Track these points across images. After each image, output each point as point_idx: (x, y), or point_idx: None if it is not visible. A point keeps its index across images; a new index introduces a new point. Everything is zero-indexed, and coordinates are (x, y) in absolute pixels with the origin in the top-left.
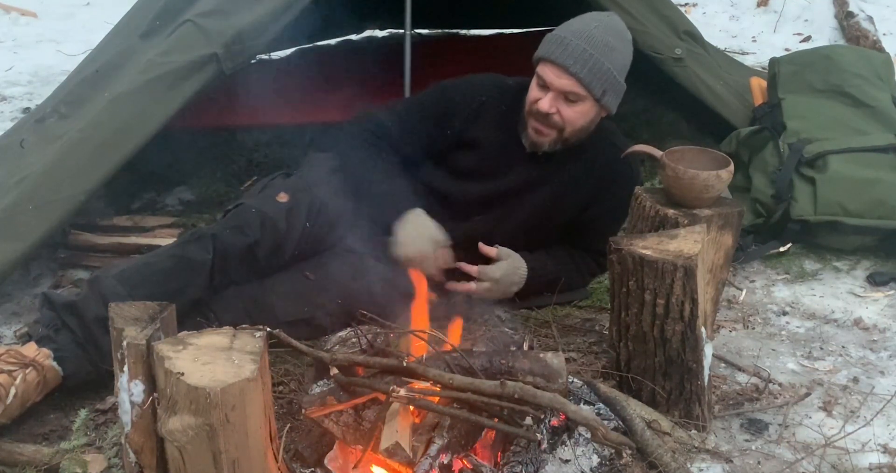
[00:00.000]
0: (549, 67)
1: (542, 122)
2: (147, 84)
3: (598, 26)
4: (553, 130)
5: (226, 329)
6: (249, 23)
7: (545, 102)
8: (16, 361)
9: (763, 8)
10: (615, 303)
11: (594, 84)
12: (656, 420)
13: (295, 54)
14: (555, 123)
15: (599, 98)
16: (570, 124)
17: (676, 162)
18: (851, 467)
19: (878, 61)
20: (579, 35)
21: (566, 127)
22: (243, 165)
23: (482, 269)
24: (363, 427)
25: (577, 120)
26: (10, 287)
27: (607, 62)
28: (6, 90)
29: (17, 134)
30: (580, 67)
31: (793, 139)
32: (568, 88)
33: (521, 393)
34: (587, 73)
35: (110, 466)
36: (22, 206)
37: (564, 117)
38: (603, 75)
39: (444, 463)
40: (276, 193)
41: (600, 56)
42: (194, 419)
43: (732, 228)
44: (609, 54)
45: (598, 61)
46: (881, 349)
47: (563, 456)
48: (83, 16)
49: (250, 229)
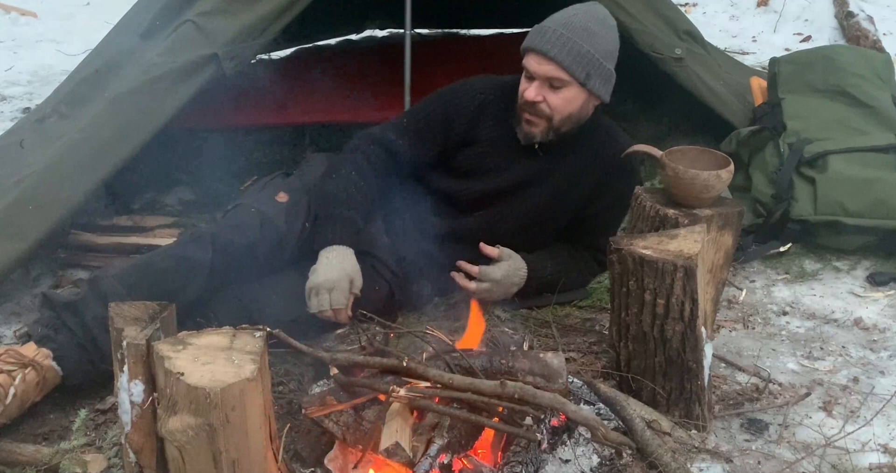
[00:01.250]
0: (531, 55)
1: (531, 112)
2: (147, 84)
3: (576, 14)
4: (542, 119)
5: (226, 329)
6: (249, 23)
7: (531, 91)
8: (15, 361)
9: (763, 8)
10: (615, 303)
11: (575, 67)
12: (656, 419)
13: (295, 54)
14: (542, 112)
15: (584, 82)
16: (557, 112)
17: (676, 162)
18: (851, 467)
19: (878, 61)
20: (558, 22)
21: (554, 115)
22: (243, 165)
23: (483, 269)
24: (363, 427)
25: (565, 107)
26: (10, 287)
27: (586, 45)
28: (6, 90)
29: (17, 134)
30: (558, 51)
31: (793, 139)
32: (550, 73)
33: (521, 393)
34: (566, 56)
35: (110, 466)
36: (22, 206)
37: (551, 105)
38: (583, 58)
39: (444, 463)
40: (275, 192)
41: (579, 39)
42: (194, 419)
43: (732, 228)
44: (589, 38)
45: (576, 44)
46: (881, 349)
47: (563, 456)
48: (83, 16)
49: (249, 228)
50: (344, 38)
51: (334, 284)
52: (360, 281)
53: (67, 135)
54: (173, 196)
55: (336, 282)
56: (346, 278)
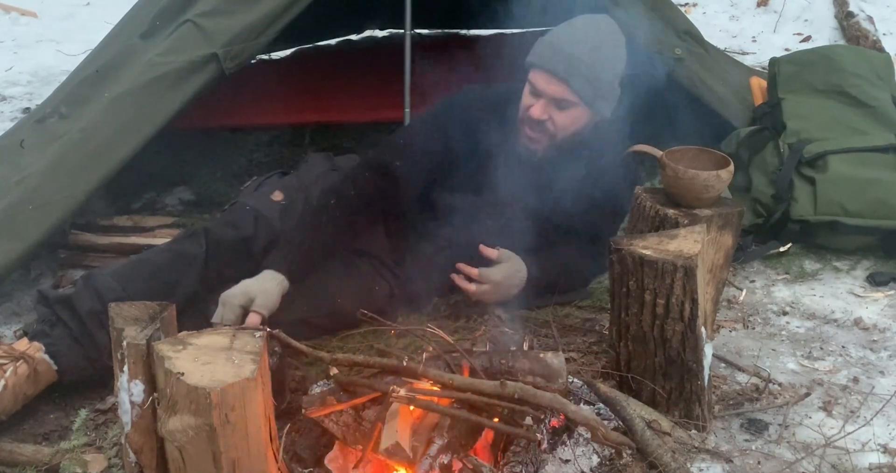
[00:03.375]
0: (539, 73)
1: (534, 128)
2: (147, 84)
3: (587, 31)
4: (545, 136)
5: (226, 329)
6: (249, 23)
7: (537, 110)
8: (6, 355)
9: (763, 8)
10: (615, 303)
11: (584, 91)
12: (656, 419)
13: (295, 54)
14: (547, 130)
15: (591, 104)
16: (562, 130)
17: (676, 162)
18: (851, 467)
19: (878, 61)
20: (567, 40)
21: (558, 133)
22: (243, 165)
23: (483, 271)
24: (363, 427)
25: (570, 126)
26: (10, 287)
27: (597, 67)
28: (6, 90)
29: (17, 134)
30: (569, 74)
31: (793, 139)
32: (559, 94)
33: (521, 393)
34: (576, 79)
35: (110, 466)
36: (22, 206)
37: (556, 124)
38: (593, 81)
39: (444, 463)
40: (270, 191)
41: (588, 61)
42: (194, 419)
43: (732, 228)
44: (600, 61)
45: (587, 67)
46: (881, 349)
47: (563, 456)
48: (83, 16)
49: (244, 224)
50: (344, 39)
51: (227, 299)
52: (264, 301)
53: (67, 135)
54: (173, 196)
55: (228, 298)
56: (241, 295)
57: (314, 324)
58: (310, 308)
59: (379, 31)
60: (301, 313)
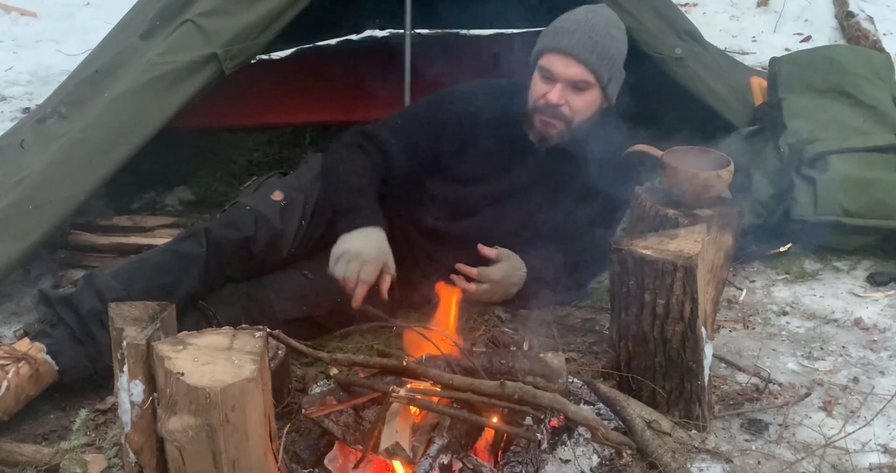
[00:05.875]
0: (555, 57)
1: (549, 114)
2: (147, 84)
3: (595, 16)
4: (561, 121)
5: (226, 329)
6: (249, 23)
7: (554, 94)
8: (8, 356)
9: (763, 8)
10: (615, 303)
11: (602, 71)
12: (656, 419)
13: (295, 54)
14: (563, 115)
15: (605, 86)
16: (579, 114)
17: (676, 162)
18: (851, 467)
19: (878, 61)
20: (580, 23)
21: (575, 117)
22: (243, 165)
23: (482, 270)
24: (363, 427)
25: (586, 109)
26: (10, 287)
27: (612, 48)
28: (6, 90)
29: (17, 134)
30: (588, 54)
31: (793, 139)
32: (578, 76)
33: (521, 393)
34: (595, 60)
35: (110, 466)
36: (22, 206)
37: (573, 108)
38: (609, 62)
39: (444, 463)
40: (270, 191)
41: (603, 41)
42: (194, 419)
43: (732, 228)
44: (612, 42)
45: (604, 48)
46: (881, 349)
47: (563, 456)
48: (83, 16)
49: (243, 223)
50: (344, 39)
51: (368, 257)
52: (393, 265)
53: (67, 135)
54: (173, 196)
55: (370, 256)
56: (382, 255)
57: (314, 323)
58: (310, 307)
59: (379, 31)
60: (300, 312)
